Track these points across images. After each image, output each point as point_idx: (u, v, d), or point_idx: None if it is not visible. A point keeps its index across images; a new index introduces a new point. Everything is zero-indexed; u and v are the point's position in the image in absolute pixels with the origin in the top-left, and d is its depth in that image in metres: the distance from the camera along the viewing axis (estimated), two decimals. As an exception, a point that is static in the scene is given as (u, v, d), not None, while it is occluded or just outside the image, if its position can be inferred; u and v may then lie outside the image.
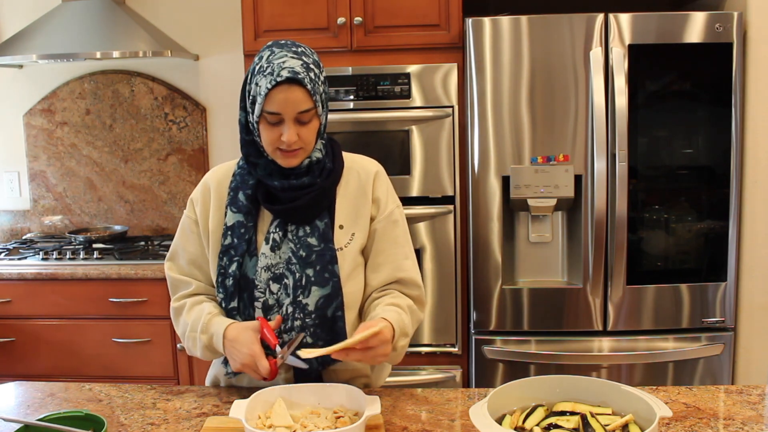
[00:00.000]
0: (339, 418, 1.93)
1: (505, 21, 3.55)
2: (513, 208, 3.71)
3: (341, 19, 3.76)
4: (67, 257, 4.23)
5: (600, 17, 3.52)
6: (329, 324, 2.19)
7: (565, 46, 3.55)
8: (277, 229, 2.20)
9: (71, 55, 4.14)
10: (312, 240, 2.18)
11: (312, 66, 2.10)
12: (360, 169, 2.32)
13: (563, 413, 1.79)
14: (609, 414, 1.79)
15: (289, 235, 2.20)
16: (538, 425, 1.74)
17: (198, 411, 2.16)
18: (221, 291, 2.21)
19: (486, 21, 3.56)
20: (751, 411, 2.07)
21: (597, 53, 3.51)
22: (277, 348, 2.08)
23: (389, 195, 2.34)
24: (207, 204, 2.31)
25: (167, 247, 4.25)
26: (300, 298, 2.17)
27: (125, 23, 4.24)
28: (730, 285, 3.66)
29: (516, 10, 3.63)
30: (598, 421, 1.71)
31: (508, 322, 3.73)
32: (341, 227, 2.25)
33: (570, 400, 1.85)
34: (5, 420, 1.90)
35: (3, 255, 4.34)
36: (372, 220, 2.29)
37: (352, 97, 3.78)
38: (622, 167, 3.51)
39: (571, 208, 3.69)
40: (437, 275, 3.84)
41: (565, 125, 3.59)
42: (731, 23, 3.50)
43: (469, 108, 3.64)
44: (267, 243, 2.19)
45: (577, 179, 3.61)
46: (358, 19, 3.76)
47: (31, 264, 4.17)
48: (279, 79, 2.03)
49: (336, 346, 1.95)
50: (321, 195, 2.21)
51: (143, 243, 4.51)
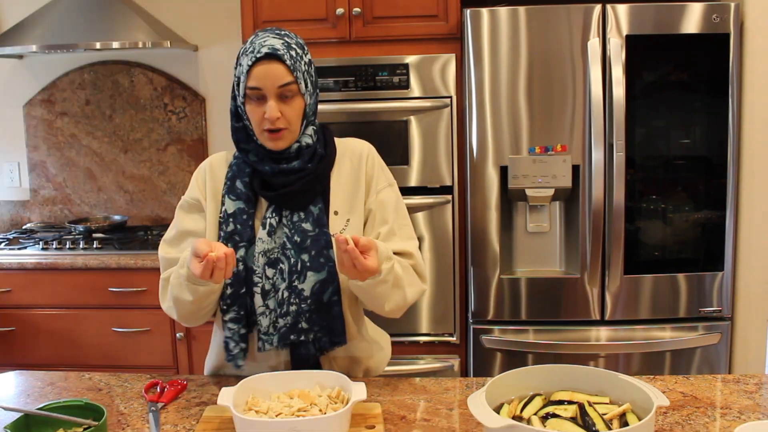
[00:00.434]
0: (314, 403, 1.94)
1: (503, 12, 3.55)
2: (511, 198, 3.72)
3: (340, 10, 3.76)
4: (67, 247, 4.24)
5: (597, 8, 3.52)
6: (325, 309, 2.19)
7: (563, 36, 3.55)
8: (273, 215, 2.21)
9: (71, 46, 4.14)
10: (306, 225, 2.19)
11: (294, 46, 2.15)
12: (351, 154, 2.33)
13: (561, 402, 1.80)
14: (606, 403, 1.79)
15: (284, 221, 2.20)
16: (536, 414, 1.75)
17: (197, 400, 2.17)
18: (230, 278, 2.19)
19: (484, 12, 3.57)
20: (748, 400, 2.08)
21: (594, 44, 3.52)
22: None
23: (379, 175, 2.34)
24: (204, 190, 2.32)
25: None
26: (296, 283, 2.17)
27: (125, 14, 4.24)
28: (727, 275, 3.67)
29: (514, 0, 3.63)
30: (595, 410, 1.72)
31: (506, 311, 3.74)
32: (336, 213, 2.26)
33: (568, 389, 1.85)
34: (5, 409, 1.90)
35: (3, 245, 4.35)
36: (368, 195, 2.31)
37: (350, 88, 3.78)
38: (619, 157, 3.52)
39: (569, 198, 3.70)
40: (435, 265, 3.85)
41: (563, 115, 3.60)
42: (728, 14, 3.50)
43: (467, 98, 3.64)
44: (264, 228, 2.20)
45: (575, 169, 3.62)
46: (356, 10, 3.76)
47: (31, 254, 4.18)
48: (258, 55, 2.09)
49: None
50: (314, 180, 2.22)
51: (143, 233, 4.52)
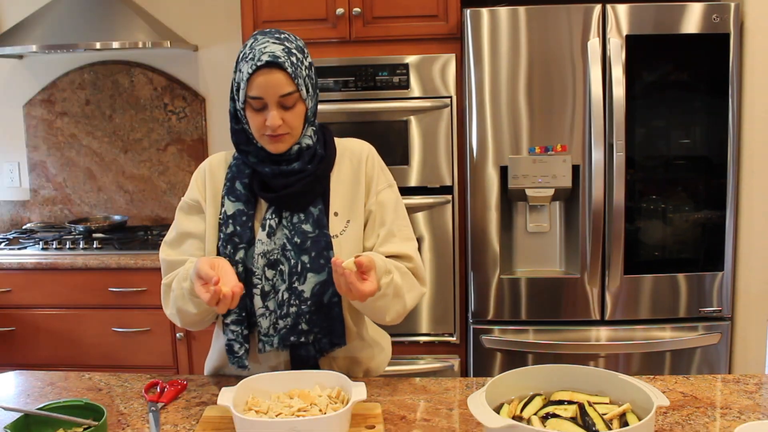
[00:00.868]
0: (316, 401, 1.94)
1: (503, 12, 3.56)
2: (511, 198, 3.72)
3: (340, 10, 3.76)
4: (67, 247, 4.24)
5: (598, 8, 3.52)
6: (325, 310, 2.19)
7: (563, 36, 3.56)
8: (273, 216, 2.20)
9: (71, 46, 4.15)
10: (306, 227, 2.19)
11: (294, 51, 2.12)
12: (351, 155, 2.33)
13: (561, 402, 1.80)
14: (606, 403, 1.80)
15: (284, 222, 2.20)
16: (536, 414, 1.75)
17: (197, 400, 2.17)
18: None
19: (484, 12, 3.57)
20: (748, 400, 2.08)
21: (594, 44, 3.52)
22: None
23: (379, 176, 2.33)
24: (203, 191, 2.32)
25: (166, 237, 4.28)
26: (296, 284, 2.17)
27: (125, 14, 4.24)
28: (727, 275, 3.68)
29: (514, 0, 3.63)
30: (595, 410, 1.72)
31: (506, 311, 3.75)
32: (336, 214, 2.26)
33: (568, 389, 1.85)
34: (5, 409, 1.90)
35: (3, 245, 4.35)
36: (368, 196, 2.31)
37: (350, 88, 3.78)
38: (619, 157, 3.52)
39: (569, 198, 3.70)
40: (435, 265, 3.85)
41: (563, 115, 3.60)
42: (728, 14, 3.50)
43: (467, 98, 3.64)
44: (263, 229, 2.20)
45: (575, 169, 3.62)
46: (356, 10, 3.76)
47: (31, 254, 4.18)
48: (259, 64, 2.06)
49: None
50: (314, 182, 2.22)
51: (143, 233, 4.52)
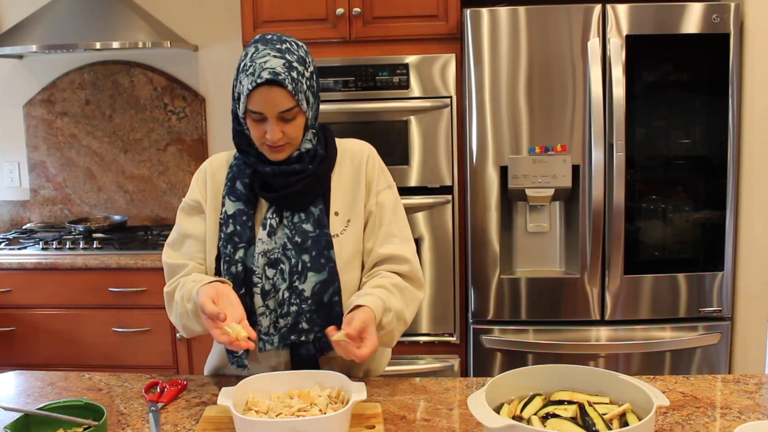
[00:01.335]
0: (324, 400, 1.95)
1: (503, 12, 3.56)
2: (511, 198, 3.72)
3: (340, 10, 3.76)
4: (67, 247, 4.24)
5: (597, 8, 3.52)
6: (326, 310, 2.20)
7: (563, 36, 3.56)
8: (274, 215, 2.21)
9: (71, 46, 4.15)
10: (307, 226, 2.19)
11: (295, 64, 2.09)
12: (352, 155, 2.33)
13: (561, 402, 1.80)
14: (606, 403, 1.80)
15: (285, 221, 2.21)
16: (536, 414, 1.75)
17: (197, 400, 2.17)
18: (229, 279, 2.19)
19: (484, 12, 3.57)
20: (748, 400, 2.08)
21: (594, 44, 3.52)
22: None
23: (380, 177, 2.33)
24: (204, 191, 2.32)
25: (167, 237, 4.26)
26: (296, 283, 2.18)
27: (125, 14, 4.24)
28: (727, 275, 3.68)
29: (514, 0, 3.63)
30: (595, 410, 1.72)
31: (506, 311, 3.75)
32: (336, 214, 2.26)
33: (568, 389, 1.85)
34: (5, 409, 1.90)
35: (3, 245, 4.35)
36: (368, 197, 2.31)
37: (350, 88, 3.78)
38: (619, 157, 3.52)
39: (569, 198, 3.70)
40: (435, 265, 3.85)
41: (563, 115, 3.60)
42: (728, 14, 3.50)
43: (467, 98, 3.64)
44: (264, 229, 2.21)
45: (575, 169, 3.62)
46: (356, 10, 3.76)
47: (31, 254, 4.18)
48: (259, 81, 2.05)
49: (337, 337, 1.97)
50: (314, 182, 2.22)
51: (143, 233, 4.52)
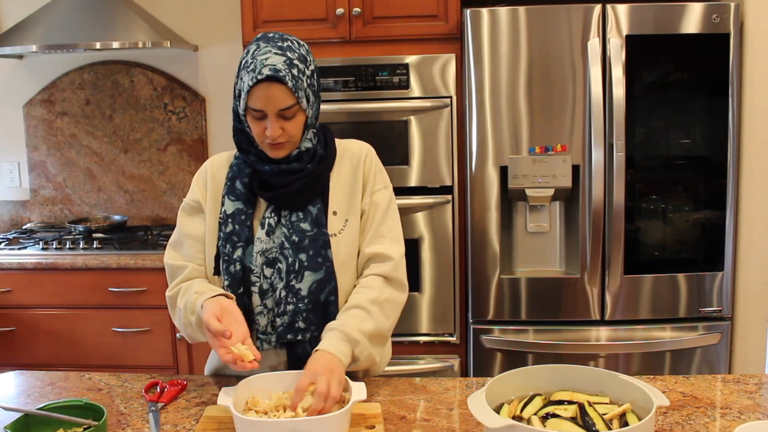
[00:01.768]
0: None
1: (503, 12, 3.55)
2: (511, 198, 3.72)
3: (340, 10, 3.76)
4: (67, 247, 4.24)
5: (598, 8, 3.52)
6: (322, 309, 2.21)
7: (563, 36, 3.55)
8: (272, 215, 2.22)
9: (71, 46, 4.14)
10: (305, 225, 2.20)
11: (296, 61, 2.11)
12: (351, 155, 2.34)
13: (561, 402, 1.80)
14: (606, 403, 1.80)
15: (283, 221, 2.22)
16: (536, 414, 1.75)
17: (197, 400, 2.17)
18: (227, 278, 2.20)
19: (484, 12, 3.57)
20: (748, 400, 2.08)
21: (594, 44, 3.52)
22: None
23: (376, 176, 2.34)
24: (204, 191, 2.33)
25: (167, 237, 4.25)
26: (293, 282, 2.18)
27: (125, 14, 4.24)
28: (727, 274, 3.68)
29: (514, 0, 3.63)
30: (595, 410, 1.72)
31: (506, 311, 3.75)
32: (335, 213, 2.27)
33: (568, 389, 1.86)
34: (5, 409, 1.90)
35: (3, 245, 4.35)
36: (363, 196, 2.32)
37: (350, 88, 3.78)
38: (619, 157, 3.52)
39: (569, 198, 3.70)
40: (435, 265, 3.85)
41: (563, 115, 3.60)
42: (728, 14, 3.50)
43: (467, 98, 3.64)
44: (262, 228, 2.21)
45: (575, 169, 3.62)
46: (356, 10, 3.76)
47: (31, 254, 4.18)
48: (260, 77, 2.06)
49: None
50: (313, 181, 2.23)
51: (143, 233, 4.52)
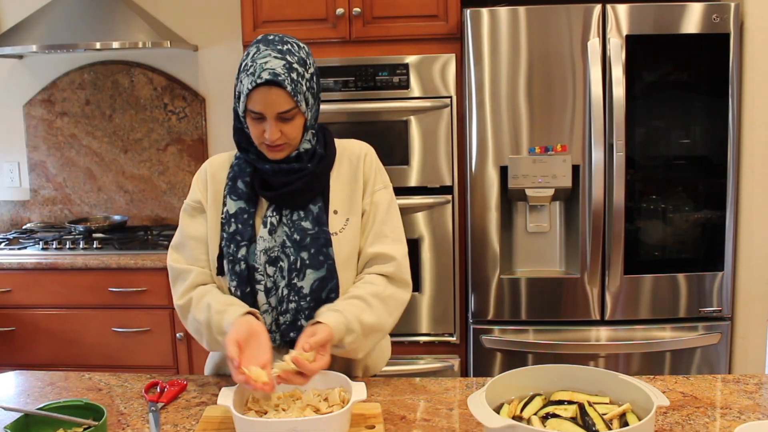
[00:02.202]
0: (325, 400, 1.95)
1: (503, 12, 3.55)
2: (511, 198, 3.72)
3: (340, 10, 3.76)
4: (67, 247, 4.24)
5: (597, 8, 3.52)
6: (324, 305, 2.21)
7: (563, 36, 3.55)
8: (274, 213, 2.22)
9: (71, 46, 4.14)
10: (306, 224, 2.20)
11: (296, 65, 2.11)
12: (351, 155, 2.34)
13: (561, 402, 1.80)
14: (606, 403, 1.80)
15: (284, 219, 2.22)
16: (536, 414, 1.75)
17: (197, 400, 2.18)
18: (234, 278, 2.20)
19: (484, 12, 3.57)
20: (748, 400, 2.08)
21: (594, 44, 3.52)
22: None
23: (376, 176, 2.34)
24: (205, 192, 2.33)
25: (167, 237, 4.29)
26: (295, 281, 2.19)
27: (125, 14, 4.24)
28: (727, 275, 3.67)
29: (514, 0, 3.63)
30: (595, 410, 1.72)
31: (506, 311, 3.75)
32: (336, 212, 2.27)
33: (568, 389, 1.86)
34: (5, 409, 1.91)
35: (3, 245, 4.35)
36: (363, 195, 2.32)
37: (350, 88, 3.78)
38: (619, 157, 3.52)
39: (569, 198, 3.70)
40: (435, 265, 3.85)
41: (563, 115, 3.60)
42: (728, 14, 3.50)
43: (467, 98, 3.64)
44: (265, 227, 2.22)
45: (575, 169, 3.62)
46: (356, 10, 3.76)
47: (31, 254, 4.18)
48: (259, 81, 2.07)
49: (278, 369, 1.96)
50: (313, 180, 2.23)
51: (143, 233, 4.52)
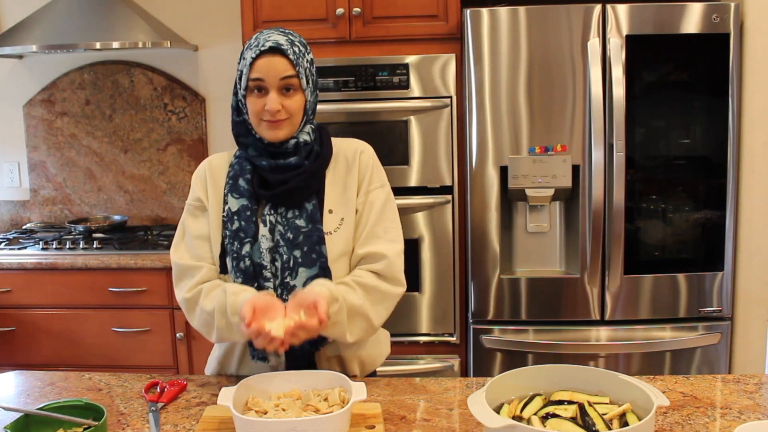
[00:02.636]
0: (325, 400, 1.95)
1: (503, 12, 3.56)
2: (511, 198, 3.72)
3: (340, 10, 3.76)
4: (67, 247, 4.24)
5: (597, 8, 3.52)
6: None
7: (563, 36, 3.56)
8: (271, 212, 2.23)
9: (71, 46, 4.15)
10: (300, 222, 2.21)
11: (297, 43, 2.20)
12: (347, 152, 2.34)
13: (561, 402, 1.80)
14: (606, 403, 1.80)
15: (279, 218, 2.22)
16: (536, 414, 1.75)
17: (197, 400, 2.18)
18: (239, 275, 2.19)
19: (484, 12, 3.57)
20: (748, 400, 2.08)
21: (594, 44, 3.52)
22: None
23: (372, 175, 2.34)
24: (205, 190, 2.33)
25: (167, 237, 4.29)
26: (288, 279, 2.19)
27: (125, 14, 4.24)
28: (727, 274, 3.68)
29: (514, 0, 3.63)
30: (595, 410, 1.72)
31: (506, 311, 3.75)
32: (330, 212, 2.27)
33: (568, 389, 1.85)
34: (5, 409, 1.91)
35: (3, 245, 4.35)
36: (358, 194, 2.31)
37: (350, 88, 3.78)
38: (619, 157, 3.52)
39: (569, 198, 3.70)
40: (435, 265, 3.85)
41: (563, 115, 3.60)
42: (728, 14, 3.50)
43: (467, 98, 3.64)
44: (265, 225, 2.22)
45: (575, 169, 3.62)
46: (356, 10, 3.76)
47: (31, 254, 4.18)
48: (263, 48, 2.15)
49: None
50: (310, 177, 2.24)
51: (143, 233, 4.53)
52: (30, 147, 4.86)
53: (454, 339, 3.92)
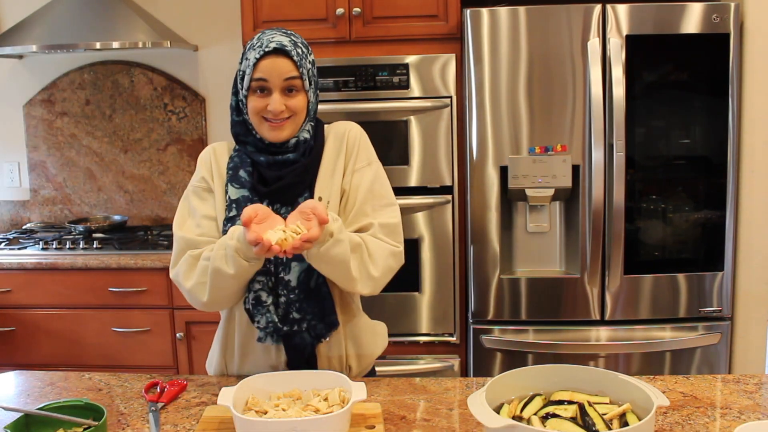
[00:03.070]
0: (324, 400, 1.95)
1: (503, 12, 3.56)
2: (511, 198, 3.72)
3: (340, 10, 3.76)
4: (67, 247, 4.24)
5: (598, 8, 3.52)
6: (314, 295, 2.22)
7: (563, 36, 3.56)
8: (269, 207, 2.22)
9: (71, 46, 4.15)
10: None
11: (300, 44, 2.21)
12: (335, 136, 2.35)
13: (561, 402, 1.80)
14: (606, 403, 1.80)
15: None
16: (536, 414, 1.75)
17: (197, 400, 2.18)
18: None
19: (484, 12, 3.57)
20: (748, 400, 2.08)
21: (594, 44, 3.52)
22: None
23: (358, 153, 2.33)
24: (210, 173, 2.33)
25: (167, 237, 4.29)
26: (281, 274, 2.21)
27: (125, 14, 4.24)
28: (727, 274, 3.68)
29: (514, 0, 3.63)
30: (595, 410, 1.72)
31: (506, 311, 3.75)
32: (320, 199, 2.27)
33: (568, 389, 1.85)
34: (5, 409, 1.91)
35: (3, 245, 4.35)
36: (344, 174, 2.30)
37: (350, 88, 3.78)
38: (619, 157, 3.52)
39: (569, 198, 3.70)
40: (435, 265, 3.85)
41: (563, 115, 3.60)
42: (728, 14, 3.50)
43: (467, 98, 3.64)
44: None
45: (575, 169, 3.62)
46: (356, 10, 3.76)
47: (31, 254, 4.18)
48: (267, 50, 2.15)
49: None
50: (303, 172, 2.25)
51: (143, 233, 4.52)
52: (30, 147, 4.86)
53: (454, 339, 3.92)
